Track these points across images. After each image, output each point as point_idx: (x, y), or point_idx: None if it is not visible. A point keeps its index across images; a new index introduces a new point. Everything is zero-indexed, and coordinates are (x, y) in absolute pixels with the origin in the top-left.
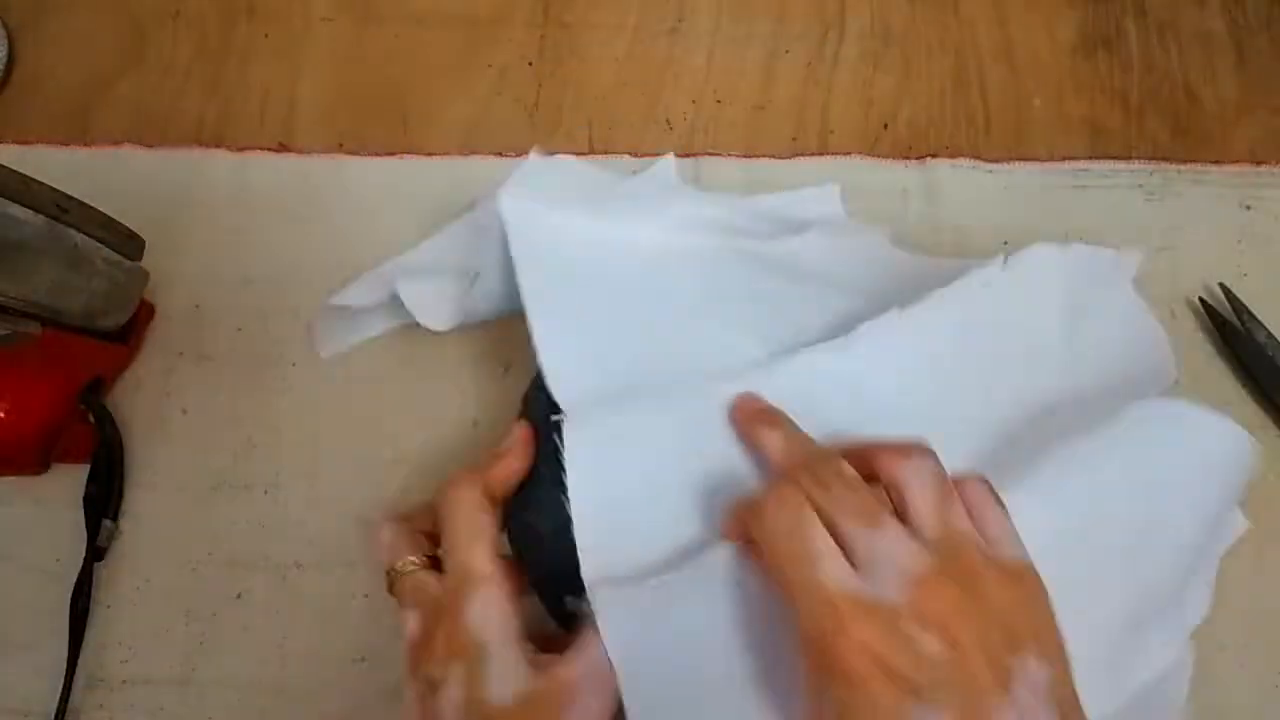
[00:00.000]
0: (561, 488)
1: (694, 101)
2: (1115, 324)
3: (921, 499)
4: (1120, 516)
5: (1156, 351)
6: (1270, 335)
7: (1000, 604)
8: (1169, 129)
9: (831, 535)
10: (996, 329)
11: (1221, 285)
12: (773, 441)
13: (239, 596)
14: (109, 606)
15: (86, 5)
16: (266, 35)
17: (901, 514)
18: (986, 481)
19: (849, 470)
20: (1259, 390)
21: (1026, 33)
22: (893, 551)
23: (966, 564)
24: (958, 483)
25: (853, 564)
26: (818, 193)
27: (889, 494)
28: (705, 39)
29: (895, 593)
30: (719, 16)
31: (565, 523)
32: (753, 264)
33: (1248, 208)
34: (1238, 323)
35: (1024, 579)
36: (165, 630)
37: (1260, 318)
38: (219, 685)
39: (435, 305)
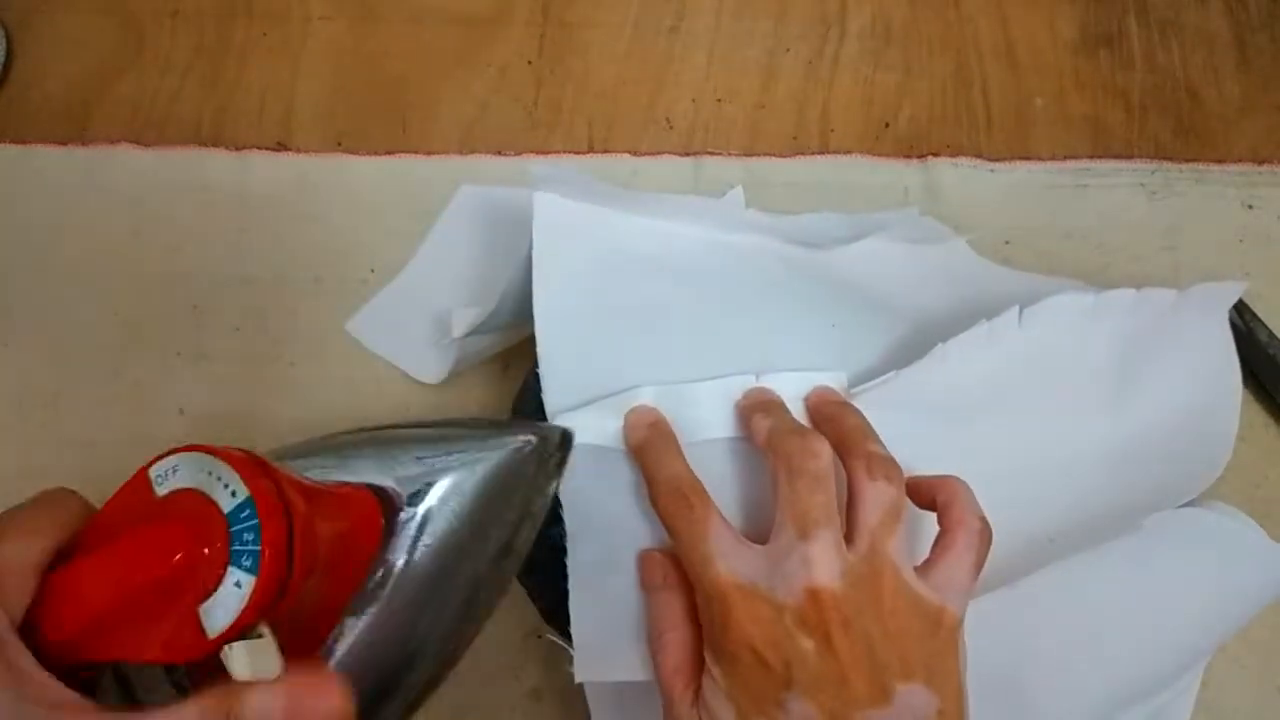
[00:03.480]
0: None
1: (694, 100)
2: (1183, 374)
3: (866, 517)
4: (1123, 618)
5: (1221, 415)
6: (1272, 335)
7: (898, 632)
8: (1171, 128)
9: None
10: (1012, 384)
11: None
12: (761, 427)
13: None
14: None
15: (85, 4)
16: (265, 34)
17: (847, 520)
18: (987, 533)
19: (823, 466)
20: (1261, 390)
21: (1028, 31)
22: (808, 560)
23: (878, 588)
24: (957, 524)
25: (770, 548)
26: (896, 216)
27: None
28: (705, 37)
29: (787, 594)
30: (719, 15)
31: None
32: (796, 269)
33: (1250, 207)
34: (1240, 322)
35: (939, 622)
36: None
37: (1262, 317)
38: None
39: (423, 357)
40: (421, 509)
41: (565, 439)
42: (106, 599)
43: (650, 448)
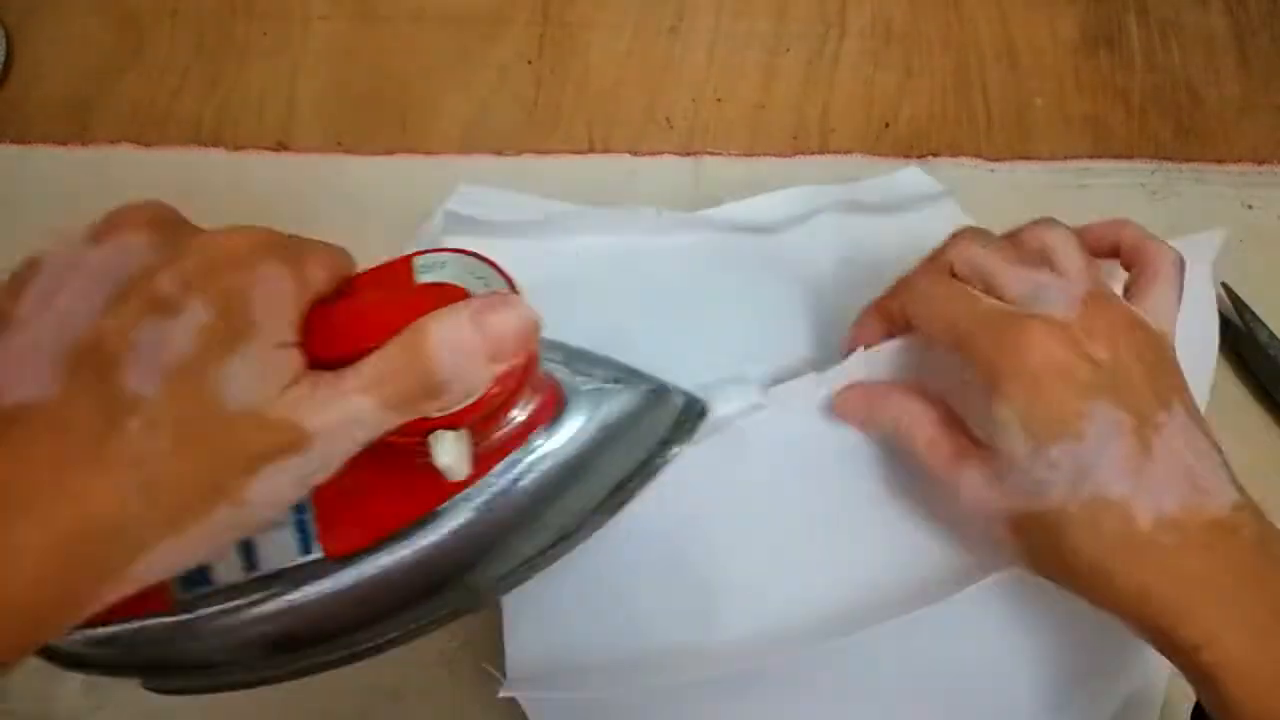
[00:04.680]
0: None
1: (694, 100)
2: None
3: (1069, 259)
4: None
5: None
6: (1272, 335)
7: (1150, 348)
8: (1171, 128)
9: (992, 288)
10: None
11: (1224, 285)
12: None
13: None
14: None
15: (85, 4)
16: (265, 34)
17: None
18: (1181, 261)
19: (1000, 238)
20: (1261, 390)
21: (1028, 31)
22: (1056, 283)
23: (1118, 310)
24: (1157, 257)
25: (1019, 303)
26: (902, 176)
27: None
28: (705, 37)
29: (1065, 310)
30: (719, 15)
31: None
32: (738, 258)
33: (1250, 207)
34: (1240, 322)
35: (1164, 345)
36: None
37: (1262, 317)
38: None
39: None
40: (583, 409)
41: (701, 414)
42: (353, 342)
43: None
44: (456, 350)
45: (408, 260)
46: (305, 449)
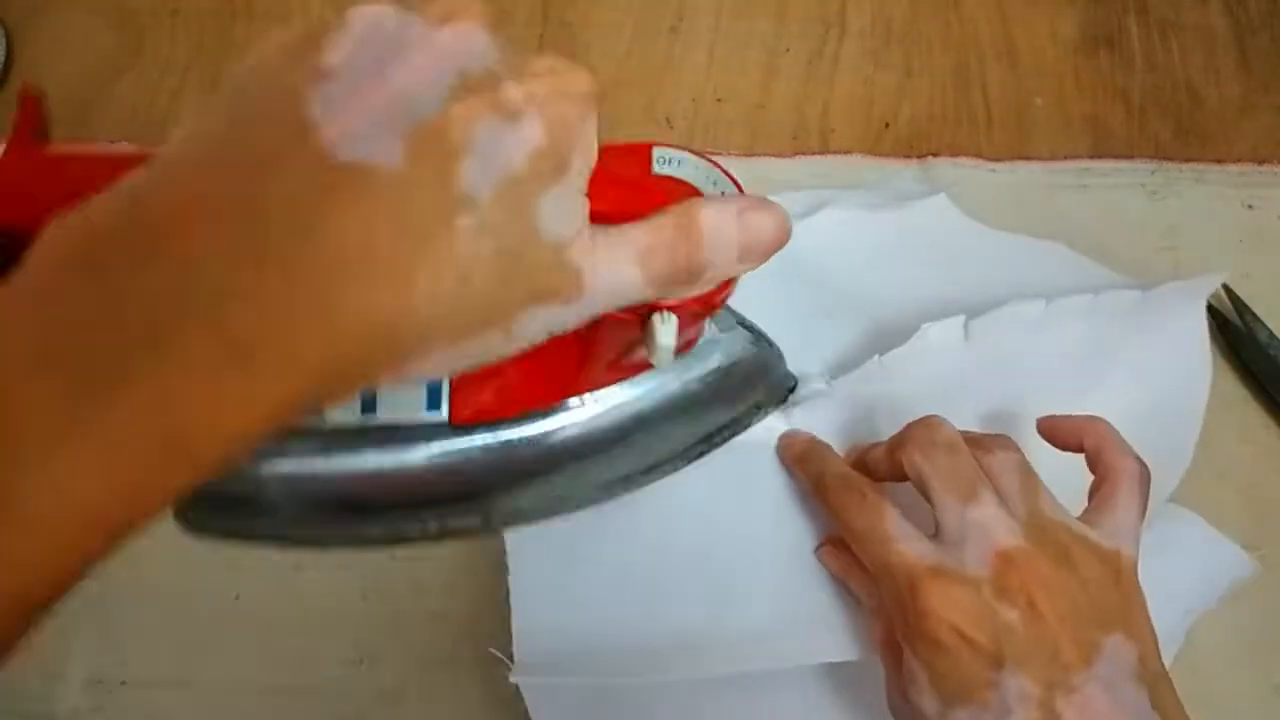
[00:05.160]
0: None
1: (694, 100)
2: (1147, 370)
3: (1006, 486)
4: None
5: (1187, 408)
6: (1272, 335)
7: (1089, 580)
8: (1171, 128)
9: (928, 501)
10: (958, 392)
11: (1224, 285)
12: (873, 456)
13: (238, 597)
14: (108, 608)
15: (85, 4)
16: (265, 34)
17: None
18: (1147, 474)
19: (951, 435)
20: (1261, 390)
21: (1028, 31)
22: (983, 525)
23: (1056, 541)
24: (1117, 470)
25: (942, 536)
26: (926, 205)
27: None
28: (705, 37)
29: (979, 564)
30: (719, 15)
31: None
32: None
33: (1250, 207)
34: (1240, 322)
35: (1119, 567)
36: (164, 631)
37: (1262, 317)
38: (218, 687)
39: None
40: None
41: (793, 385)
42: (620, 205)
43: (813, 454)
44: (719, 239)
45: (647, 148)
46: (572, 300)
